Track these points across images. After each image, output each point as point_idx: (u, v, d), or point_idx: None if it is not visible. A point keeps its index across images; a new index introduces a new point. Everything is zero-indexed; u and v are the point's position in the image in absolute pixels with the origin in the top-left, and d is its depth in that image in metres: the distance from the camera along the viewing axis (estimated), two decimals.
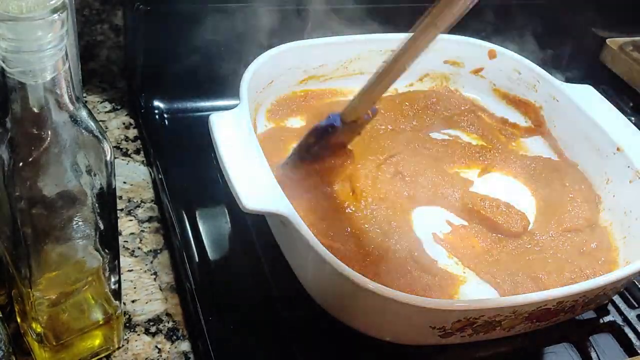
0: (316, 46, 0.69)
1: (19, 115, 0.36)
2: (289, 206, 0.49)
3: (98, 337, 0.49)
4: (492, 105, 0.75)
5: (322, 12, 0.72)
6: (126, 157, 0.70)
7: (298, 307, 0.54)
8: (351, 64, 0.72)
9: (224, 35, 0.72)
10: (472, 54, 0.75)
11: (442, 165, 0.65)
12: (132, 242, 0.61)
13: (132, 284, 0.57)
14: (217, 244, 0.60)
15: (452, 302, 0.51)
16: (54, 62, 0.35)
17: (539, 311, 0.49)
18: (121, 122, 0.75)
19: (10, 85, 0.35)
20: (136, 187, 0.67)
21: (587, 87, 0.70)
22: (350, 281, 0.45)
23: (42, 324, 0.45)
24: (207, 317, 0.53)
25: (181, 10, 0.73)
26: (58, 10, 0.33)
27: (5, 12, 0.32)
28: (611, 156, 0.64)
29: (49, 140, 0.37)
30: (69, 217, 0.41)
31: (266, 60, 0.64)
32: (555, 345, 0.56)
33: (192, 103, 0.77)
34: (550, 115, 0.71)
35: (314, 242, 0.47)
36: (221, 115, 0.55)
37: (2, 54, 0.34)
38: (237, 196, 0.49)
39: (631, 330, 0.58)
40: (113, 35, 0.79)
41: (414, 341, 0.52)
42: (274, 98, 0.69)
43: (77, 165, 0.39)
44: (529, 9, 0.84)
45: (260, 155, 0.53)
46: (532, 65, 0.72)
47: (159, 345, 0.53)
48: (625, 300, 0.61)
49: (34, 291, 0.43)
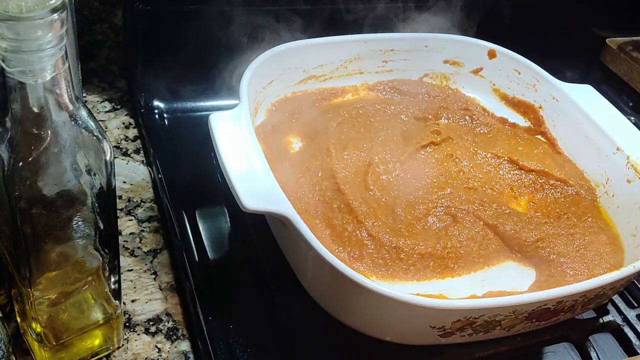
0: (316, 46, 0.69)
1: (19, 114, 0.36)
2: (289, 206, 0.49)
3: (98, 337, 0.50)
4: (492, 105, 0.75)
5: (322, 12, 0.73)
6: (126, 157, 0.70)
7: (298, 306, 0.54)
8: (351, 64, 0.72)
9: (223, 34, 0.72)
10: (472, 53, 0.75)
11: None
12: (131, 242, 0.61)
13: (132, 283, 0.57)
14: (217, 244, 0.61)
15: (452, 301, 0.51)
16: (54, 62, 0.35)
17: (539, 311, 0.49)
18: (121, 121, 0.75)
19: (10, 85, 0.35)
20: (136, 186, 0.67)
21: (587, 87, 0.70)
22: (350, 281, 0.45)
23: (41, 323, 0.45)
24: (207, 317, 0.53)
25: (181, 10, 0.73)
26: (58, 9, 0.34)
27: (5, 12, 0.32)
28: (611, 156, 0.64)
29: (49, 140, 0.37)
30: (69, 216, 0.41)
31: (266, 59, 0.64)
32: (555, 345, 0.56)
33: (192, 103, 0.77)
34: (550, 115, 0.71)
35: (314, 242, 0.47)
36: (221, 115, 0.55)
37: (2, 54, 0.34)
38: (237, 196, 0.49)
39: (631, 330, 0.58)
40: (113, 35, 0.79)
41: (414, 341, 0.52)
42: (273, 98, 0.68)
43: (76, 164, 0.39)
44: (529, 9, 0.84)
45: (260, 155, 0.53)
46: (532, 65, 0.72)
47: (158, 345, 0.53)
48: (625, 300, 0.61)
49: (34, 291, 0.43)
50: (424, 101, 0.73)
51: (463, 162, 0.66)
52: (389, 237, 0.56)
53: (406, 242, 0.56)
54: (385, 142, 0.66)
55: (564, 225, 0.61)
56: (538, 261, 0.58)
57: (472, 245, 0.57)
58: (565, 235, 0.60)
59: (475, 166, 0.66)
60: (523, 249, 0.59)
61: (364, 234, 0.55)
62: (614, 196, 0.63)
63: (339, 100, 0.72)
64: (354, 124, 0.67)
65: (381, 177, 0.62)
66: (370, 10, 0.74)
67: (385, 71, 0.74)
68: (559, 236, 0.59)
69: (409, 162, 0.65)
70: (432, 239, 0.57)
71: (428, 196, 0.61)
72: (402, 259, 0.55)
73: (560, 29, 0.87)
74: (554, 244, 0.59)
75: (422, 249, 0.56)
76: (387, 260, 0.55)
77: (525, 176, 0.66)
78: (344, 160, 0.63)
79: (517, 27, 0.79)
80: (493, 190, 0.64)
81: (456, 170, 0.65)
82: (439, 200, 0.61)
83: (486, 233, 0.59)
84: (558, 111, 0.70)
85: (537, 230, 0.59)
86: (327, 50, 0.71)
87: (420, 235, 0.57)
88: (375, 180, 0.61)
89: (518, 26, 0.79)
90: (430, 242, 0.56)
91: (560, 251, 0.58)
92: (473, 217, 0.60)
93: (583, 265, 0.57)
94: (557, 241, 0.59)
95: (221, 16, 0.73)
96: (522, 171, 0.66)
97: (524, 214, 0.62)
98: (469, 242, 0.57)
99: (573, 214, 0.62)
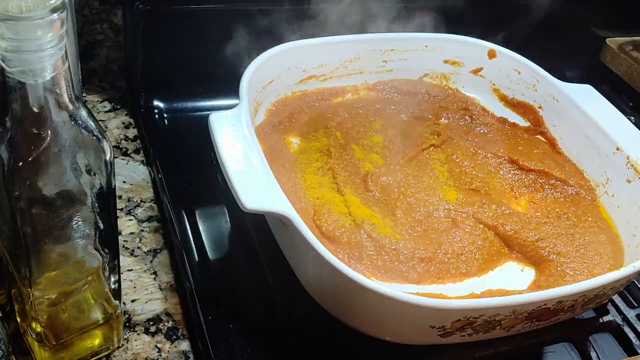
0: (316, 46, 0.69)
1: (19, 114, 0.36)
2: (289, 206, 0.49)
3: (98, 337, 0.50)
4: (492, 105, 0.75)
5: (322, 12, 0.72)
6: (126, 157, 0.70)
7: (298, 306, 0.54)
8: (351, 64, 0.72)
9: (223, 34, 0.72)
10: (471, 53, 0.75)
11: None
12: (131, 242, 0.61)
13: (132, 283, 0.57)
14: (217, 244, 0.61)
15: (452, 301, 0.51)
16: (54, 62, 0.35)
17: (539, 310, 0.49)
18: (121, 121, 0.75)
19: (10, 84, 0.35)
20: (136, 186, 0.67)
21: (587, 87, 0.70)
22: (350, 281, 0.45)
23: (41, 323, 0.45)
24: (207, 316, 0.53)
25: (181, 10, 0.73)
26: (58, 9, 0.34)
27: (5, 12, 0.32)
28: (611, 156, 0.64)
29: (49, 140, 0.37)
30: (69, 216, 0.41)
31: (266, 59, 0.64)
32: (555, 345, 0.57)
33: (192, 103, 0.77)
34: (550, 114, 0.71)
35: (314, 242, 0.47)
36: (221, 115, 0.55)
37: (2, 54, 0.34)
38: (237, 196, 0.49)
39: (631, 330, 0.58)
40: (113, 35, 0.79)
41: (414, 340, 0.52)
42: (273, 97, 0.68)
43: (76, 164, 0.39)
44: (528, 9, 0.84)
45: (260, 155, 0.53)
46: (532, 65, 0.72)
47: (158, 344, 0.53)
48: (625, 300, 0.61)
49: (34, 290, 0.43)
50: (424, 101, 0.73)
51: (464, 162, 0.66)
52: (388, 239, 0.55)
53: (406, 245, 0.56)
54: (386, 142, 0.66)
55: (564, 225, 0.61)
56: (538, 261, 0.58)
57: (474, 250, 0.57)
58: (565, 235, 0.60)
59: (475, 166, 0.66)
60: (523, 249, 0.59)
61: (364, 235, 0.55)
62: (614, 196, 0.63)
63: (339, 100, 0.72)
64: (354, 124, 0.67)
65: (381, 178, 0.62)
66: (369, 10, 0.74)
67: (385, 71, 0.74)
68: (559, 236, 0.59)
69: (409, 163, 0.65)
70: (433, 243, 0.57)
71: (429, 198, 0.61)
72: (402, 261, 0.55)
73: (560, 29, 0.87)
74: (554, 243, 0.59)
75: (423, 253, 0.55)
76: (387, 262, 0.54)
77: (525, 176, 0.66)
78: (344, 160, 0.63)
79: (516, 27, 0.79)
80: (493, 190, 0.64)
81: (457, 172, 0.65)
82: (439, 203, 0.61)
83: (487, 236, 0.59)
84: (558, 111, 0.70)
85: (537, 230, 0.59)
86: (327, 50, 0.70)
87: (421, 238, 0.57)
88: (375, 181, 0.61)
89: (518, 26, 0.79)
90: (431, 247, 0.56)
91: (560, 251, 0.58)
92: (473, 219, 0.60)
93: (583, 265, 0.57)
94: (557, 241, 0.59)
95: (221, 16, 0.73)
96: (522, 171, 0.66)
97: (524, 214, 0.62)
98: (470, 247, 0.57)
99: (573, 214, 0.62)
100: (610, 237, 0.60)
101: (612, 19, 0.94)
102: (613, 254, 0.58)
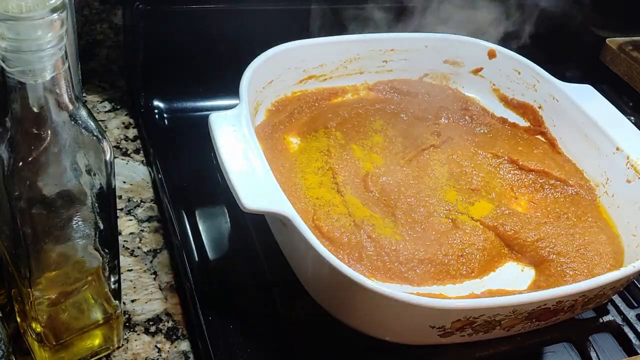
0: (316, 46, 0.69)
1: (19, 114, 0.36)
2: (289, 206, 0.49)
3: (98, 337, 0.50)
4: (492, 105, 0.75)
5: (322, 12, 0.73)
6: (126, 157, 0.70)
7: (298, 306, 0.54)
8: (351, 64, 0.72)
9: (223, 34, 0.72)
10: (471, 53, 0.75)
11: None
12: (131, 242, 0.61)
13: (132, 283, 0.57)
14: (217, 244, 0.61)
15: (452, 301, 0.51)
16: (54, 62, 0.35)
17: (539, 310, 0.49)
18: (121, 121, 0.75)
19: (10, 84, 0.35)
20: (136, 186, 0.67)
21: (587, 87, 0.70)
22: (350, 281, 0.45)
23: (41, 323, 0.45)
24: (207, 317, 0.53)
25: (181, 10, 0.73)
26: (57, 9, 0.34)
27: (5, 12, 0.32)
28: (610, 156, 0.64)
29: (49, 140, 0.37)
30: (69, 216, 0.41)
31: (266, 59, 0.64)
32: (555, 345, 0.56)
33: (192, 103, 0.77)
34: (550, 114, 0.71)
35: (314, 242, 0.47)
36: (221, 115, 0.55)
37: (2, 54, 0.34)
38: (237, 196, 0.49)
39: (631, 330, 0.58)
40: (113, 35, 0.79)
41: (414, 341, 0.52)
42: (273, 97, 0.68)
43: (76, 164, 0.39)
44: (528, 9, 0.84)
45: (260, 155, 0.53)
46: (532, 65, 0.72)
47: (158, 344, 0.53)
48: (625, 300, 0.61)
49: (34, 291, 0.43)
50: (424, 101, 0.73)
51: (464, 162, 0.66)
52: (388, 240, 0.55)
53: (406, 246, 0.56)
54: (386, 142, 0.66)
55: (564, 225, 0.61)
56: (538, 261, 0.58)
57: (474, 252, 0.57)
58: (565, 235, 0.60)
59: (475, 166, 0.66)
60: (523, 249, 0.59)
61: (364, 236, 0.55)
62: (614, 196, 0.63)
63: (339, 100, 0.72)
64: (354, 124, 0.67)
65: (381, 179, 0.62)
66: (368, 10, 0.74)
67: (385, 71, 0.74)
68: (558, 236, 0.59)
69: (410, 164, 0.65)
70: (434, 244, 0.57)
71: (429, 199, 0.61)
72: (402, 262, 0.55)
73: (560, 29, 0.87)
74: (554, 243, 0.59)
75: (423, 254, 0.55)
76: (387, 263, 0.54)
77: (525, 176, 0.66)
78: (344, 160, 0.63)
79: (516, 27, 0.79)
80: (493, 190, 0.64)
81: (457, 172, 0.65)
82: (439, 203, 0.61)
83: (487, 236, 0.59)
84: (558, 111, 0.70)
85: (537, 230, 0.59)
86: (327, 50, 0.70)
87: (421, 239, 0.57)
88: (375, 181, 0.61)
89: (518, 26, 0.79)
90: (431, 249, 0.56)
91: (560, 251, 0.58)
92: (473, 220, 0.60)
93: (583, 265, 0.57)
94: (557, 241, 0.59)
95: (221, 16, 0.73)
96: (522, 171, 0.66)
97: (524, 214, 0.62)
98: (470, 248, 0.57)
99: (573, 214, 0.62)
100: (610, 237, 0.60)
101: (612, 19, 0.93)
102: (613, 254, 0.58)
